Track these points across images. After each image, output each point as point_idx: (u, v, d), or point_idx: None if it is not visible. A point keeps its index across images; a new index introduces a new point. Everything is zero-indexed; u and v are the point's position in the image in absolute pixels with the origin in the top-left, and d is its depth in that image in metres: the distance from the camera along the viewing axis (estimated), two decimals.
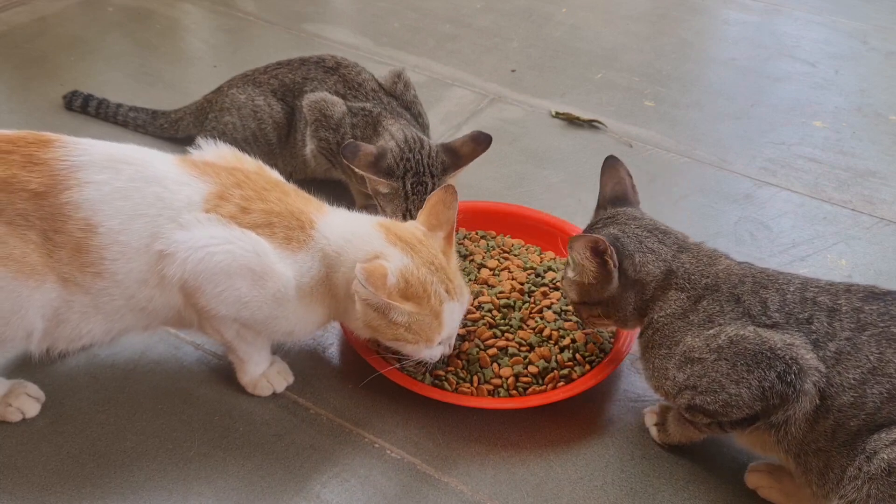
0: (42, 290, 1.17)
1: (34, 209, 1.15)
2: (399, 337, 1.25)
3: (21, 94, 2.20)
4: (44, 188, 1.15)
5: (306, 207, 1.28)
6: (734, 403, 1.15)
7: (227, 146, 1.34)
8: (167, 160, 1.25)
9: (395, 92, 1.81)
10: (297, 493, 1.26)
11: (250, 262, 1.19)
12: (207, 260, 1.18)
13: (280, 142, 1.83)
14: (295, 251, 1.24)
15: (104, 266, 1.18)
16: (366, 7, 2.80)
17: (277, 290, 1.22)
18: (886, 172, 2.05)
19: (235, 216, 1.21)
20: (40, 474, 1.26)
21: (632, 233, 1.28)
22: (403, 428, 1.37)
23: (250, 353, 1.36)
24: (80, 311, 1.21)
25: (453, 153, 1.62)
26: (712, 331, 1.17)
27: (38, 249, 1.16)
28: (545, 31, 2.69)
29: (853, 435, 1.09)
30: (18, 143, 1.18)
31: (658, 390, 1.28)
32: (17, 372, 1.39)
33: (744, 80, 2.46)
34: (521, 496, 1.28)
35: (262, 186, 1.26)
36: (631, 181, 1.39)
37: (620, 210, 1.34)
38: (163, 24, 2.61)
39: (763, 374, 1.12)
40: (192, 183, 1.22)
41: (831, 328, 1.13)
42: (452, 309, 1.28)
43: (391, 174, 1.56)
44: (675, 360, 1.20)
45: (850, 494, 1.07)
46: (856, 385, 1.09)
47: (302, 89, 1.80)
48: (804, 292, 1.18)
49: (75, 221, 1.16)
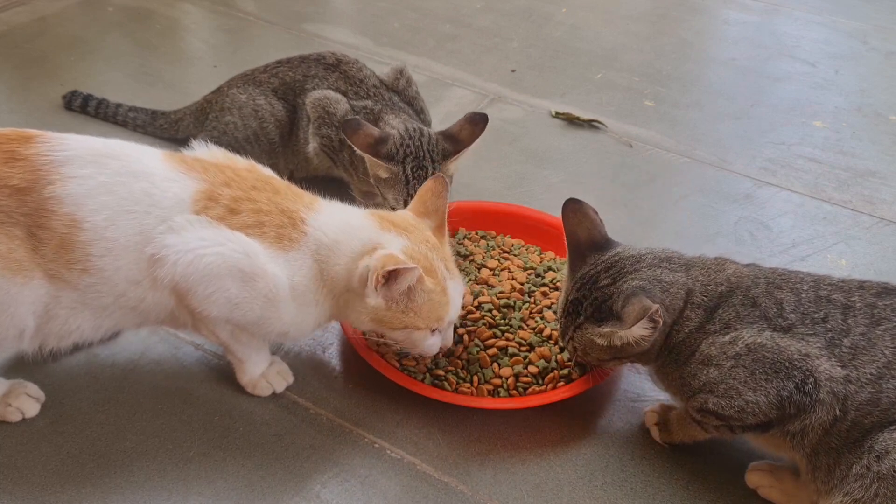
0: (30, 287, 1.16)
1: (17, 205, 1.14)
2: (408, 324, 1.24)
3: (21, 94, 2.20)
4: (26, 184, 1.14)
5: (297, 204, 1.26)
6: (750, 410, 1.15)
7: (218, 149, 1.32)
8: (154, 156, 1.24)
9: (397, 88, 1.81)
10: (297, 493, 1.26)
11: (240, 264, 1.19)
12: (196, 262, 1.17)
13: (282, 140, 1.83)
14: (286, 250, 1.23)
15: (91, 262, 1.17)
16: (366, 7, 2.80)
17: (269, 290, 1.21)
18: (886, 172, 2.05)
19: (224, 217, 1.20)
20: (40, 474, 1.26)
21: (649, 277, 1.21)
22: (403, 428, 1.37)
23: (247, 354, 1.36)
24: (69, 306, 1.21)
25: (453, 139, 1.62)
26: (728, 336, 1.17)
27: (24, 246, 1.15)
28: (545, 31, 2.69)
29: (865, 432, 1.09)
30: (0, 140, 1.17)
31: (674, 395, 1.27)
32: (17, 372, 1.39)
33: (744, 80, 2.46)
34: (521, 496, 1.28)
35: (251, 185, 1.25)
36: (599, 218, 1.32)
37: (615, 256, 1.26)
38: (163, 24, 2.61)
39: (782, 384, 1.12)
40: (180, 179, 1.21)
41: (846, 325, 1.13)
42: (454, 286, 1.28)
43: (391, 158, 1.57)
44: (692, 367, 1.20)
45: (857, 492, 1.07)
46: (872, 380, 1.09)
47: (303, 87, 1.80)
48: (818, 290, 1.18)
49: (59, 217, 1.15)
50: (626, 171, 2.03)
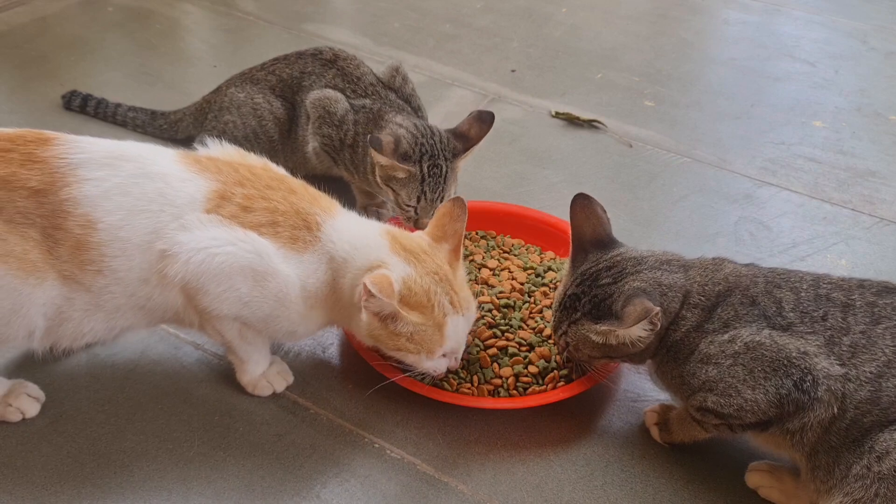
0: (43, 288, 1.17)
1: (34, 207, 1.15)
2: (401, 347, 1.25)
3: (21, 94, 2.20)
4: (43, 185, 1.16)
5: (314, 207, 1.27)
6: (749, 409, 1.15)
7: (231, 146, 1.34)
8: (168, 156, 1.25)
9: (393, 85, 1.81)
10: (297, 493, 1.26)
11: (252, 263, 1.19)
12: (209, 261, 1.18)
13: (281, 138, 1.83)
14: (300, 252, 1.23)
15: (105, 263, 1.18)
16: (366, 7, 2.80)
17: (279, 290, 1.22)
18: (886, 172, 2.06)
19: (237, 216, 1.21)
20: (40, 474, 1.26)
21: (650, 279, 1.22)
22: (403, 428, 1.37)
23: (250, 353, 1.36)
24: (82, 308, 1.22)
25: (462, 136, 1.64)
26: (727, 335, 1.17)
27: (39, 247, 1.16)
28: (545, 31, 2.69)
29: (865, 431, 1.09)
30: (17, 142, 1.18)
31: (673, 394, 1.27)
32: (18, 372, 1.39)
33: (744, 80, 2.46)
34: (521, 496, 1.28)
35: (265, 184, 1.25)
36: (606, 216, 1.33)
37: (617, 256, 1.27)
38: (163, 24, 2.61)
39: (780, 382, 1.12)
40: (194, 179, 1.22)
41: (845, 323, 1.13)
42: (457, 322, 1.27)
43: (408, 158, 1.58)
44: (691, 366, 1.20)
45: (856, 493, 1.07)
46: (872, 379, 1.09)
47: (301, 84, 1.80)
48: (817, 289, 1.18)
49: (75, 218, 1.16)
50: (626, 171, 2.03)
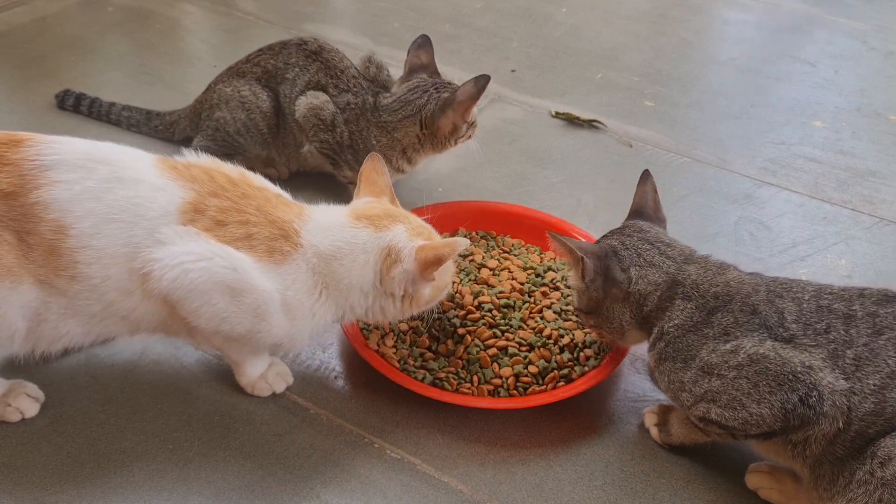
0: (19, 292, 1.15)
1: (5, 210, 1.13)
2: (436, 294, 1.33)
3: (21, 94, 2.20)
4: (13, 188, 1.13)
5: (288, 215, 1.25)
6: (754, 422, 1.15)
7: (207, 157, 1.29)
8: (146, 161, 1.22)
9: (369, 76, 1.84)
10: (297, 494, 1.26)
11: (227, 279, 1.17)
12: (182, 278, 1.16)
13: (271, 131, 1.83)
14: (279, 263, 1.21)
15: (78, 270, 1.15)
16: (366, 7, 2.80)
17: (258, 305, 1.20)
18: (886, 172, 2.06)
19: (211, 229, 1.18)
20: (40, 474, 1.26)
21: (632, 245, 1.30)
22: (403, 428, 1.37)
23: (244, 357, 1.36)
24: (58, 312, 1.20)
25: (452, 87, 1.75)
26: (729, 345, 1.17)
27: (14, 251, 1.14)
28: (545, 31, 2.69)
29: (869, 441, 1.09)
30: None
31: (674, 400, 1.28)
32: (17, 372, 1.39)
33: (744, 80, 2.46)
34: (521, 496, 1.28)
35: (240, 195, 1.23)
36: (654, 196, 1.40)
37: (630, 223, 1.36)
38: (163, 24, 2.61)
39: (786, 397, 1.12)
40: (169, 188, 1.19)
41: (848, 335, 1.12)
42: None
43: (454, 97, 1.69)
44: (692, 373, 1.20)
45: (860, 499, 1.06)
46: (876, 391, 1.09)
47: (284, 76, 1.81)
48: (819, 300, 1.17)
49: (46, 223, 1.14)
50: (626, 171, 2.02)
